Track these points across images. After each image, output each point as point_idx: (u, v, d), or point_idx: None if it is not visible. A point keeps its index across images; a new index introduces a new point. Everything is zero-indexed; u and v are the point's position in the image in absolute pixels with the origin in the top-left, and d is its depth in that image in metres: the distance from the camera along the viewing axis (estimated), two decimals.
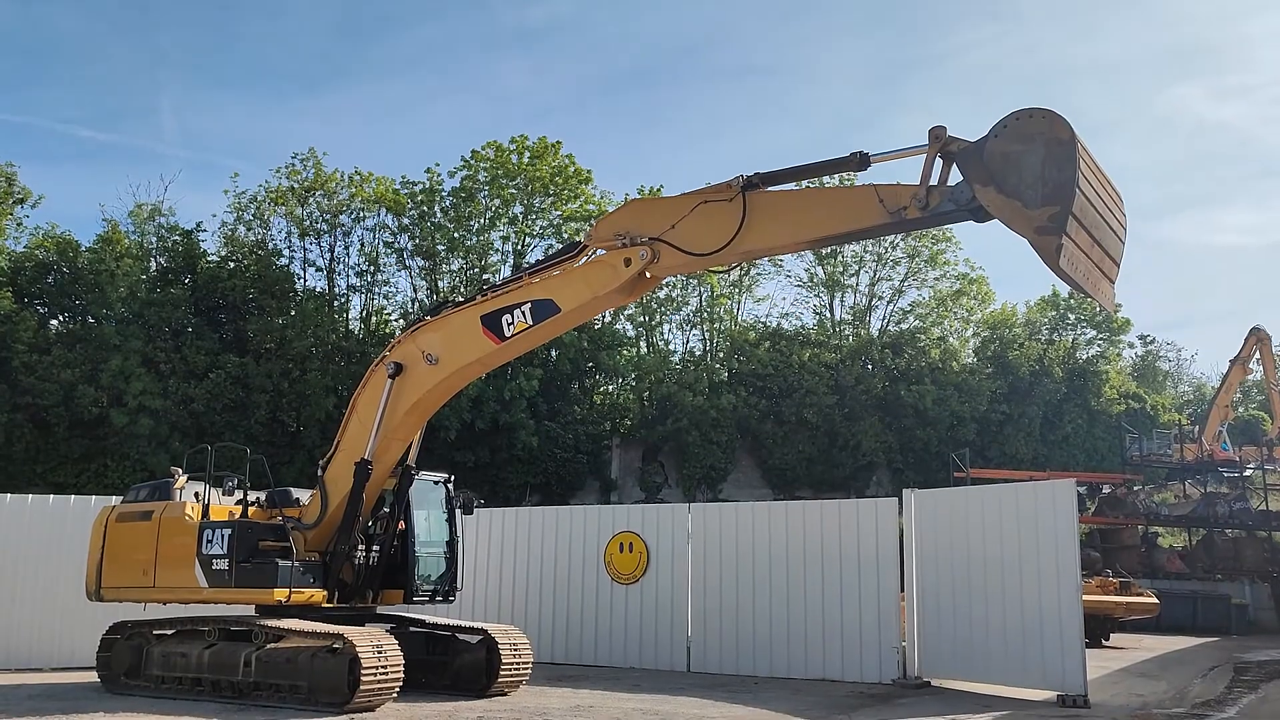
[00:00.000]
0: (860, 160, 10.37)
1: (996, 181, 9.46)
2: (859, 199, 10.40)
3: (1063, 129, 9.24)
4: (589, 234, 12.22)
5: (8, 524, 17.02)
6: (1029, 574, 14.32)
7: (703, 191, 11.42)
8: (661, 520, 18.23)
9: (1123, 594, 25.31)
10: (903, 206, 10.05)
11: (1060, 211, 9.23)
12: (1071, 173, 9.19)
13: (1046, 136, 9.29)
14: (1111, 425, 47.59)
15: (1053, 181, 9.26)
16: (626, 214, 12.02)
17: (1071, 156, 9.22)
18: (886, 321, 46.85)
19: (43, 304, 34.24)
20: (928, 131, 9.92)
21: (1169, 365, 73.47)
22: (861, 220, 10.49)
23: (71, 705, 12.10)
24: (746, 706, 12.97)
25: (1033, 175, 9.33)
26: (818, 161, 10.91)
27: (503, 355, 13.34)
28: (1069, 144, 9.22)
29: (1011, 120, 9.46)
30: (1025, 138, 9.35)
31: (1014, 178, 9.40)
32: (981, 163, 9.54)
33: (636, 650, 17.69)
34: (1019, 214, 9.42)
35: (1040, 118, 9.32)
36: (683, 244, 11.39)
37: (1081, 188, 9.30)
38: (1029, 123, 9.36)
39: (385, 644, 12.03)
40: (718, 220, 11.14)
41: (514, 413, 34.73)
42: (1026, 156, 9.34)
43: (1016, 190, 9.38)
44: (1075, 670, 13.65)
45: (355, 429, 13.57)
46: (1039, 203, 9.30)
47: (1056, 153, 9.25)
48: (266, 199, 37.68)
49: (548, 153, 38.64)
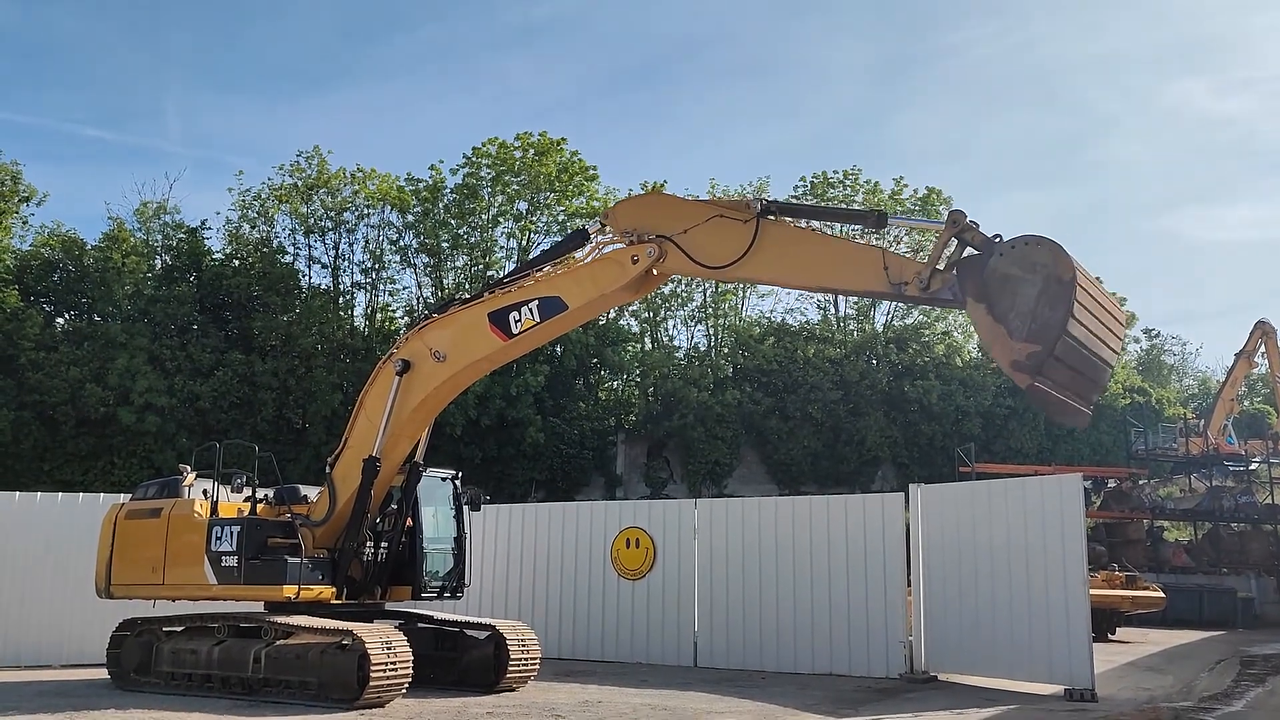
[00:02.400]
0: (877, 219, 10.57)
1: (989, 301, 9.35)
2: (865, 260, 10.41)
3: (1065, 268, 9.04)
4: (606, 214, 12.19)
5: (17, 522, 17.08)
6: (1036, 568, 14.34)
7: (720, 204, 11.48)
8: (668, 516, 18.27)
9: (1128, 588, 25.31)
10: (905, 281, 10.06)
11: (1040, 352, 9.07)
12: (1062, 315, 9.00)
13: (1048, 271, 9.09)
14: (1116, 420, 47.53)
15: (1042, 319, 9.10)
16: (644, 205, 12.05)
17: (1067, 299, 9.02)
18: (891, 317, 46.80)
19: (49, 302, 34.33)
20: (948, 214, 9.91)
21: (1174, 359, 73.45)
22: (862, 283, 10.57)
23: (82, 702, 12.16)
24: (754, 701, 13.01)
25: (1025, 306, 9.18)
26: (837, 208, 11.21)
27: (510, 352, 13.38)
28: (1068, 285, 9.01)
29: (1020, 243, 9.30)
30: (1028, 265, 9.19)
31: (1006, 302, 9.28)
32: (980, 278, 9.43)
33: (644, 646, 17.73)
34: (1001, 340, 9.33)
35: (1047, 250, 9.12)
36: (691, 250, 11.45)
37: (1071, 330, 9.11)
38: (1035, 251, 9.17)
39: (394, 640, 12.08)
40: (729, 237, 11.18)
41: (520, 409, 34.78)
42: (1024, 285, 9.18)
43: (1005, 316, 9.28)
44: (1082, 664, 13.68)
45: (363, 426, 13.63)
46: (1023, 336, 9.19)
47: (1053, 290, 9.07)
48: (271, 196, 37.74)
49: (552, 149, 38.63)
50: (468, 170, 38.50)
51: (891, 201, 45.55)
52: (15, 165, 34.23)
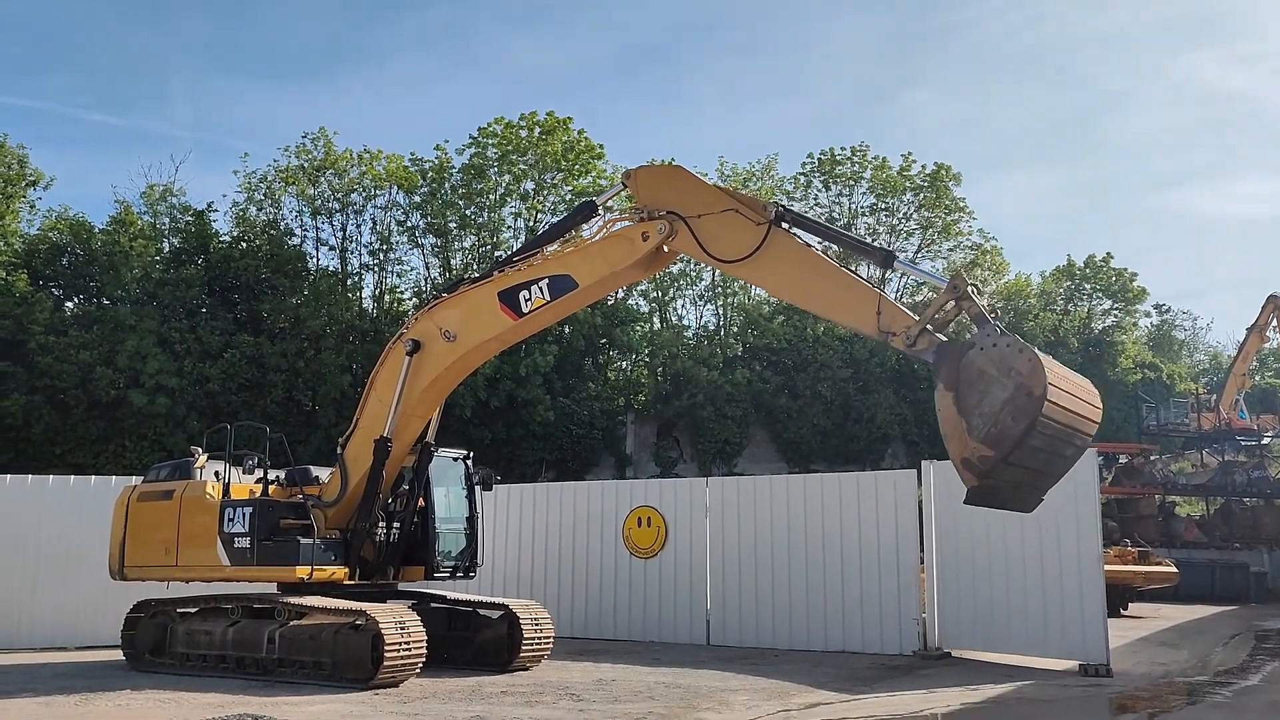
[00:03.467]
0: (885, 259, 10.54)
1: (958, 390, 9.15)
2: (861, 300, 10.31)
3: (1038, 383, 8.73)
4: (627, 174, 12.08)
5: (30, 504, 17.15)
6: (1049, 544, 14.28)
7: (738, 197, 11.36)
8: (679, 494, 18.25)
9: (1141, 563, 25.25)
10: (893, 332, 9.95)
11: (993, 458, 8.90)
12: (1023, 429, 8.74)
13: (1021, 380, 8.82)
14: (1128, 395, 47.36)
15: (1003, 427, 8.82)
16: (665, 176, 11.90)
17: (1032, 414, 8.71)
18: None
19: (57, 286, 34.31)
20: (950, 276, 9.82)
21: (1185, 334, 73.24)
22: (853, 320, 10.50)
23: (98, 683, 12.19)
24: (767, 679, 13.01)
25: (989, 409, 8.96)
26: (850, 235, 11.17)
27: (520, 331, 13.31)
28: (1036, 401, 8.72)
29: (1002, 343, 9.05)
30: (1004, 368, 8.92)
31: (973, 399, 9.06)
32: (956, 366, 9.23)
33: (656, 624, 17.75)
34: (957, 433, 9.16)
35: (1025, 360, 8.84)
36: (700, 236, 11.36)
37: (1031, 442, 8.83)
38: (1014, 356, 8.90)
39: (408, 620, 12.09)
40: (738, 234, 11.10)
41: (529, 389, 34.74)
42: (994, 387, 8.94)
43: (968, 411, 9.07)
44: (1097, 640, 13.64)
45: (374, 407, 13.60)
46: (980, 437, 9.00)
47: (1021, 402, 8.76)
48: (277, 178, 37.64)
49: (558, 128, 38.42)
50: (474, 150, 38.34)
51: (900, 178, 45.25)
52: (21, 149, 34.21)
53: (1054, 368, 9.01)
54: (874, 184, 45.51)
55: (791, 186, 46.26)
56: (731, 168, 46.08)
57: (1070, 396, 9.09)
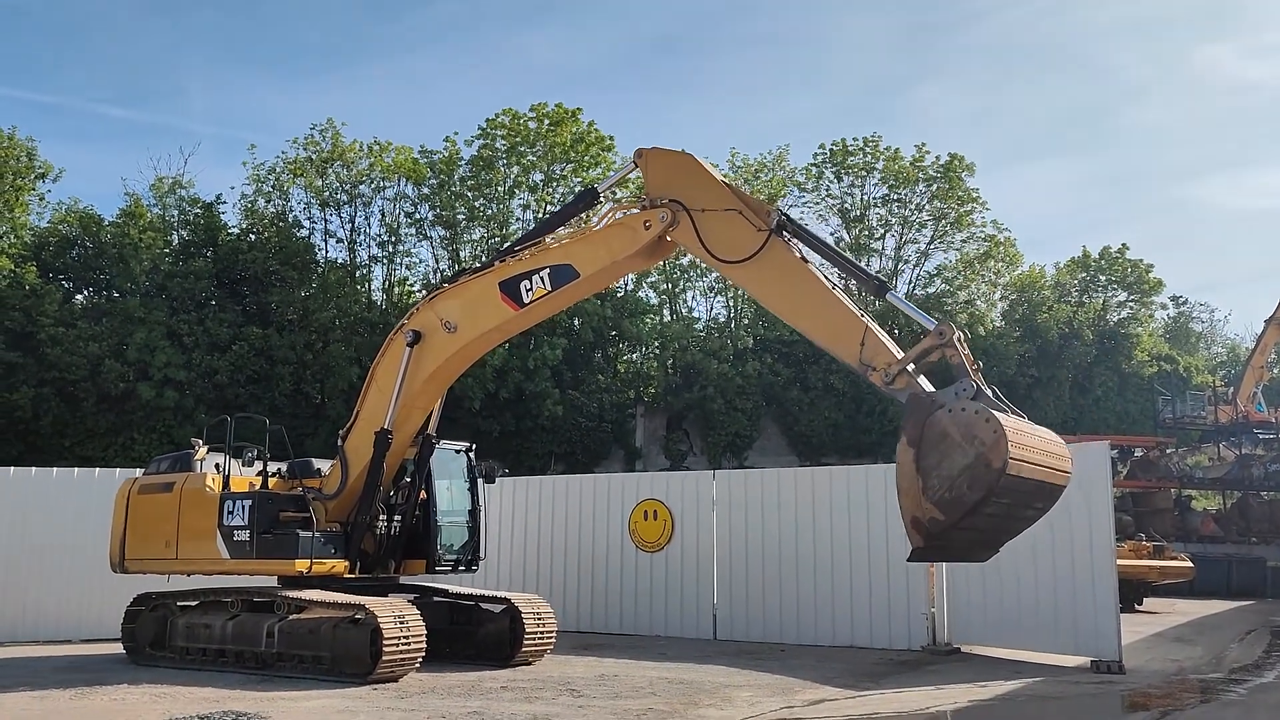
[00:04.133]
0: (878, 287, 10.30)
1: (919, 448, 8.96)
2: (848, 328, 10.14)
3: (998, 455, 8.47)
4: (639, 152, 11.80)
5: (34, 497, 17.07)
6: (1061, 538, 14.01)
7: (743, 198, 11.11)
8: (686, 487, 18.06)
9: (1156, 558, 24.95)
10: (873, 367, 9.80)
11: (943, 523, 8.78)
12: (978, 499, 8.60)
13: (983, 450, 8.56)
14: (1143, 388, 46.89)
15: (957, 494, 8.66)
16: (676, 162, 11.58)
17: (989, 485, 8.55)
18: (912, 285, 46.19)
19: (67, 278, 34.33)
20: (937, 323, 9.66)
21: (1202, 326, 72.55)
22: (834, 345, 10.30)
23: (96, 677, 12.10)
24: (774, 675, 12.81)
25: (947, 472, 8.73)
26: (848, 259, 10.89)
27: (522, 322, 13.13)
28: (995, 473, 8.49)
29: (971, 409, 8.80)
30: (968, 435, 8.70)
31: (933, 459, 8.87)
32: (921, 423, 9.04)
33: (662, 618, 17.58)
34: (912, 491, 8.95)
35: (991, 430, 8.58)
36: (701, 230, 11.13)
37: (985, 509, 8.71)
38: (979, 424, 8.67)
39: (407, 614, 11.95)
40: (737, 235, 10.89)
41: (538, 382, 34.58)
42: (956, 452, 8.74)
43: (927, 471, 8.85)
44: (1109, 635, 13.39)
45: (375, 398, 13.46)
46: (933, 499, 8.81)
47: (980, 472, 8.57)
48: (285, 170, 37.54)
49: (567, 120, 38.18)
50: (482, 142, 38.15)
51: (913, 169, 44.84)
52: (30, 141, 34.20)
53: (1020, 435, 8.77)
54: (886, 175, 45.10)
55: (803, 177, 45.95)
56: (743, 159, 45.79)
57: (1035, 463, 8.91)
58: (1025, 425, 8.99)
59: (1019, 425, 8.87)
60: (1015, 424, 8.82)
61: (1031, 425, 9.18)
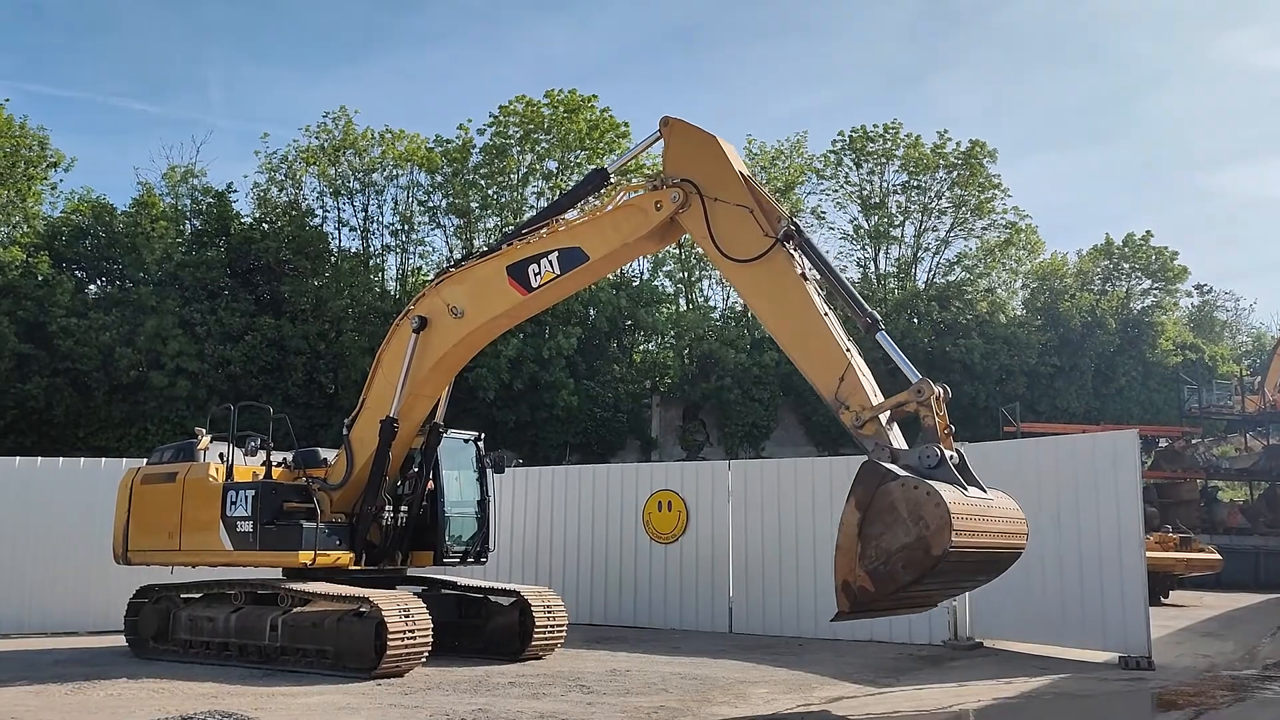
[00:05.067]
0: (870, 325, 10.00)
1: (865, 514, 8.75)
2: (829, 359, 9.90)
3: (938, 543, 8.29)
4: (665, 120, 11.36)
5: (42, 487, 16.90)
6: (1088, 529, 13.58)
7: (759, 197, 10.67)
8: (701, 478, 17.68)
9: (1183, 550, 24.42)
10: (846, 405, 9.58)
11: (872, 594, 8.67)
12: (910, 580, 8.51)
13: (925, 534, 8.38)
14: (1168, 377, 46.13)
15: (891, 570, 8.53)
16: (698, 142, 11.11)
17: (922, 570, 8.44)
18: (932, 274, 45.64)
19: (80, 268, 34.24)
20: (921, 379, 9.42)
21: (1227, 315, 71.43)
22: (812, 375, 10.07)
23: (96, 671, 11.85)
24: (790, 670, 12.43)
25: (886, 546, 8.56)
26: (848, 288, 10.37)
27: (530, 307, 12.76)
28: (932, 559, 8.35)
29: (923, 489, 8.52)
30: (914, 514, 8.44)
31: (875, 529, 8.65)
32: (873, 489, 8.79)
33: (677, 611, 17.23)
34: (849, 554, 8.76)
35: (938, 516, 8.33)
36: (710, 219, 10.74)
37: (917, 587, 8.66)
38: (928, 507, 8.39)
39: (412, 607, 11.62)
40: (743, 234, 10.52)
41: (553, 372, 34.27)
42: (898, 528, 8.51)
43: (867, 539, 8.68)
44: (1138, 630, 12.94)
45: (380, 386, 13.16)
46: (867, 568, 8.64)
47: (918, 555, 8.42)
48: (298, 159, 37.30)
49: (582, 106, 37.76)
50: (495, 129, 37.79)
51: (933, 155, 44.20)
52: (42, 131, 34.06)
53: (967, 521, 8.52)
54: (906, 162, 44.48)
55: (822, 164, 45.37)
56: (759, 145, 45.23)
57: (982, 544, 8.76)
58: (977, 503, 8.82)
59: (969, 507, 8.65)
60: (966, 506, 8.60)
61: (985, 500, 8.98)
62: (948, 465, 8.94)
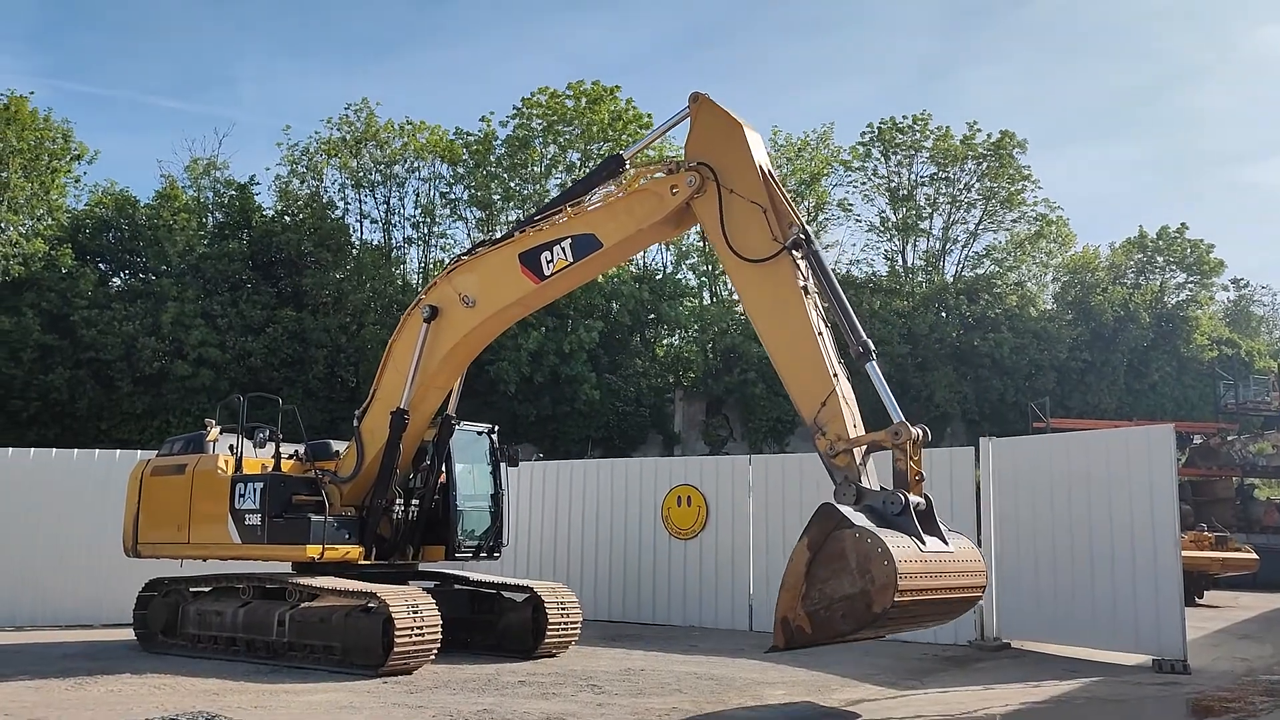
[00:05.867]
0: (861, 355, 9.75)
1: (817, 555, 8.60)
2: (814, 380, 9.72)
3: (880, 601, 8.21)
4: (695, 95, 10.96)
5: (56, 478, 16.75)
6: (1120, 527, 13.10)
7: (774, 198, 10.30)
8: (721, 472, 17.31)
9: (1218, 549, 23.79)
10: (823, 431, 9.48)
11: (808, 637, 8.68)
12: (848, 630, 8.53)
13: (869, 589, 8.26)
14: (1202, 373, 45.20)
15: (830, 618, 8.50)
16: (724, 126, 10.73)
17: (860, 624, 8.43)
18: (961, 266, 44.91)
19: (103, 260, 34.29)
20: (900, 422, 9.23)
21: (1264, 310, 70.12)
22: (794, 393, 9.90)
23: (101, 666, 11.65)
24: (809, 670, 12.03)
25: (830, 593, 8.50)
26: (846, 313, 9.95)
27: (543, 295, 12.46)
28: (870, 615, 8.30)
29: (877, 543, 8.30)
30: (862, 567, 8.33)
31: (822, 573, 8.55)
32: (826, 533, 8.62)
33: (696, 608, 16.88)
34: (794, 591, 8.69)
35: (884, 573, 8.17)
36: (724, 210, 10.39)
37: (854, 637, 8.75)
38: (877, 563, 8.24)
39: (421, 603, 11.33)
40: (752, 233, 10.21)
41: (574, 365, 33.93)
42: (845, 578, 8.43)
43: (813, 580, 8.60)
44: (1173, 632, 12.46)
45: (391, 377, 12.95)
46: (808, 609, 8.62)
47: (858, 609, 8.35)
48: (319, 150, 37.19)
49: (605, 97, 37.39)
50: (518, 121, 37.51)
51: (963, 146, 43.49)
52: (66, 123, 34.10)
53: (915, 580, 8.36)
54: (935, 153, 43.77)
55: (849, 156, 44.72)
56: (785, 137, 44.65)
57: (930, 599, 8.66)
58: (932, 557, 8.66)
59: (920, 564, 8.47)
60: (916, 563, 8.43)
61: (942, 554, 8.81)
62: (910, 514, 8.80)
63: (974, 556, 9.40)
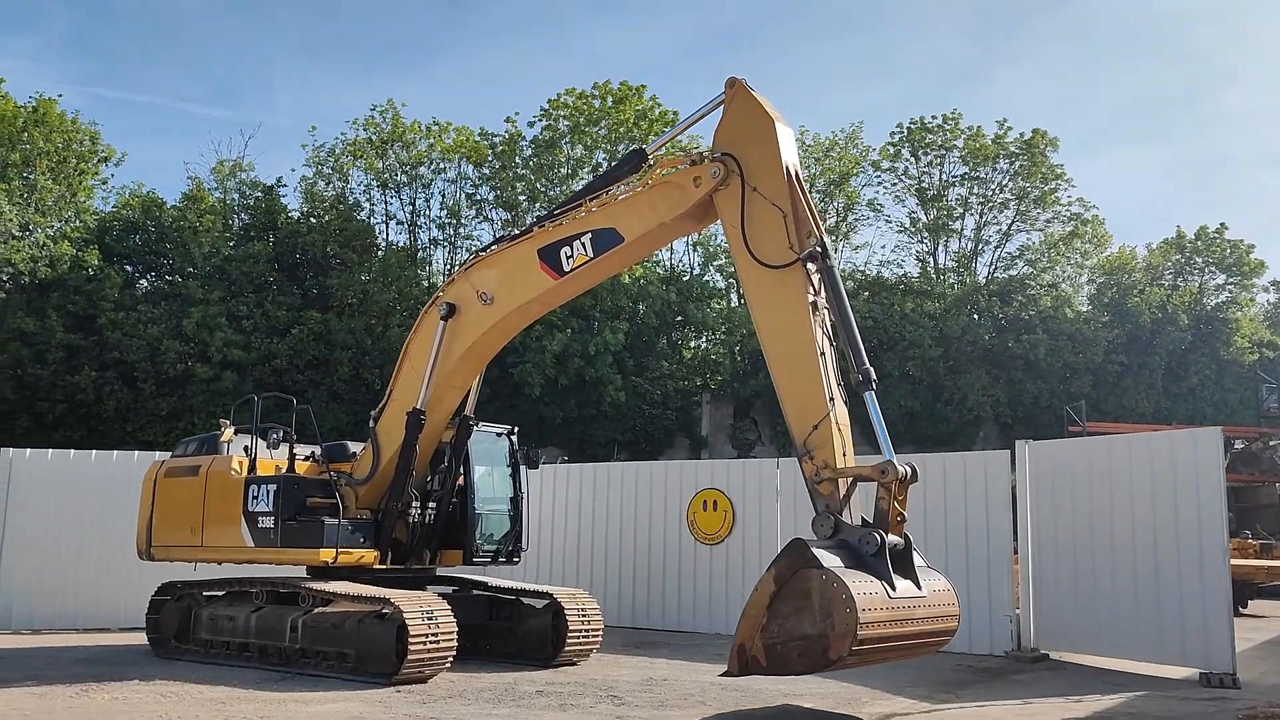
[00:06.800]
0: (861, 382, 9.47)
1: (782, 589, 8.48)
2: (809, 401, 9.49)
3: (836, 648, 8.11)
4: (732, 80, 10.55)
5: (74, 480, 16.60)
6: (1165, 534, 12.54)
7: (797, 204, 9.88)
8: (748, 476, 16.87)
9: (1263, 557, 23.04)
10: (810, 455, 9.30)
11: (762, 669, 8.60)
12: (801, 669, 8.53)
13: (829, 632, 8.16)
14: (1243, 376, 44.14)
15: (786, 655, 8.42)
16: (756, 118, 10.28)
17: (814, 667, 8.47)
18: (994, 267, 44.12)
19: (129, 263, 34.35)
20: (888, 460, 9.02)
21: None
22: (788, 410, 9.69)
23: (111, 671, 11.40)
24: (839, 682, 11.55)
25: (790, 630, 8.38)
26: (853, 337, 9.68)
27: (563, 292, 12.08)
28: (825, 660, 8.25)
29: (841, 588, 8.12)
30: (824, 610, 8.18)
31: (785, 608, 8.42)
32: (794, 568, 8.44)
33: (723, 615, 16.38)
34: (753, 621, 8.61)
35: (845, 621, 8.05)
36: (746, 208, 10.01)
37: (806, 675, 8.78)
38: (839, 608, 8.09)
39: (436, 609, 10.98)
40: (769, 237, 9.83)
41: (600, 368, 33.59)
42: (806, 617, 8.32)
43: (775, 614, 8.48)
44: (1221, 644, 11.88)
45: (407, 376, 12.62)
46: (765, 641, 8.53)
47: (813, 651, 8.26)
48: (345, 152, 37.09)
49: (631, 97, 37.05)
50: (545, 123, 37.25)
51: (994, 145, 42.76)
52: (93, 125, 34.25)
53: (877, 629, 8.21)
54: (966, 153, 43.06)
55: (879, 157, 44.10)
56: (814, 137, 44.11)
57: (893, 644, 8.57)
58: (900, 602, 8.51)
59: (884, 612, 8.32)
60: (881, 611, 8.28)
61: (912, 598, 8.65)
62: (884, 556, 8.59)
63: (947, 599, 9.18)
